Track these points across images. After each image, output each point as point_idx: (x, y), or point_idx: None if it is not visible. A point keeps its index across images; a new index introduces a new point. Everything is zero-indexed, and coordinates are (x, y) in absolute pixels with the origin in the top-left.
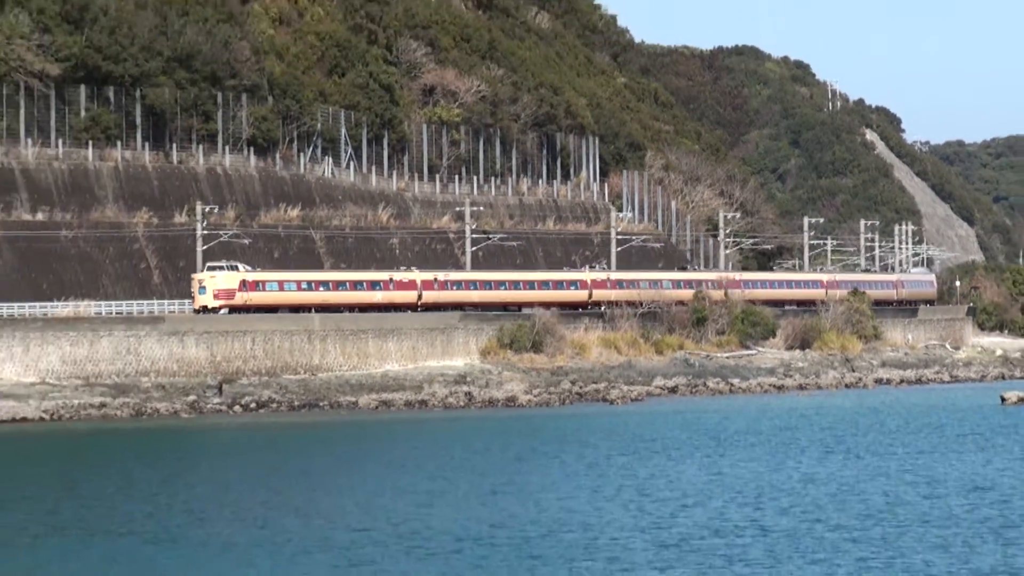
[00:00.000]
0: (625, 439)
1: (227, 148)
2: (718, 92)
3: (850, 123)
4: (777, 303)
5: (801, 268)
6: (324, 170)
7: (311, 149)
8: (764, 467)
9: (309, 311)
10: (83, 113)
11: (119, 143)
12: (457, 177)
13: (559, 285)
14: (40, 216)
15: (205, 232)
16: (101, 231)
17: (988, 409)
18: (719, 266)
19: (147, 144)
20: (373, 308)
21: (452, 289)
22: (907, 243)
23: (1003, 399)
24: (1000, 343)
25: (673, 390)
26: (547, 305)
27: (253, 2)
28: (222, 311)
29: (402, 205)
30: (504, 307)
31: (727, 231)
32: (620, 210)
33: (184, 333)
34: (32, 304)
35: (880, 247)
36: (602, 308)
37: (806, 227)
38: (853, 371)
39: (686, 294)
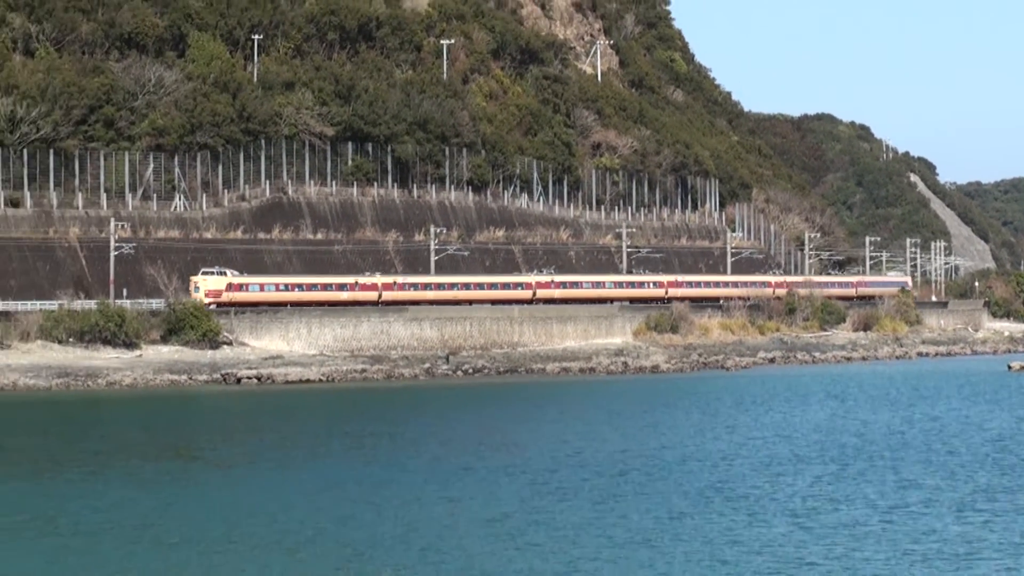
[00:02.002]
0: (736, 395)
1: (452, 187)
2: (804, 147)
3: (899, 168)
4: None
5: (863, 274)
6: (521, 202)
7: (512, 187)
8: (832, 414)
9: (285, 307)
10: (350, 162)
11: (375, 183)
12: (616, 207)
13: (506, 286)
14: (319, 235)
15: (436, 247)
16: (362, 246)
17: (998, 374)
18: (804, 272)
19: (395, 184)
20: (340, 304)
21: (409, 290)
22: (939, 255)
23: (1009, 367)
24: (1008, 327)
25: (772, 360)
26: (493, 302)
27: (471, 83)
28: (211, 307)
29: (577, 228)
30: (457, 303)
31: (811, 246)
32: (733, 231)
33: (421, 319)
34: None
35: (920, 258)
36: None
37: (867, 244)
38: (901, 347)
39: (637, 292)
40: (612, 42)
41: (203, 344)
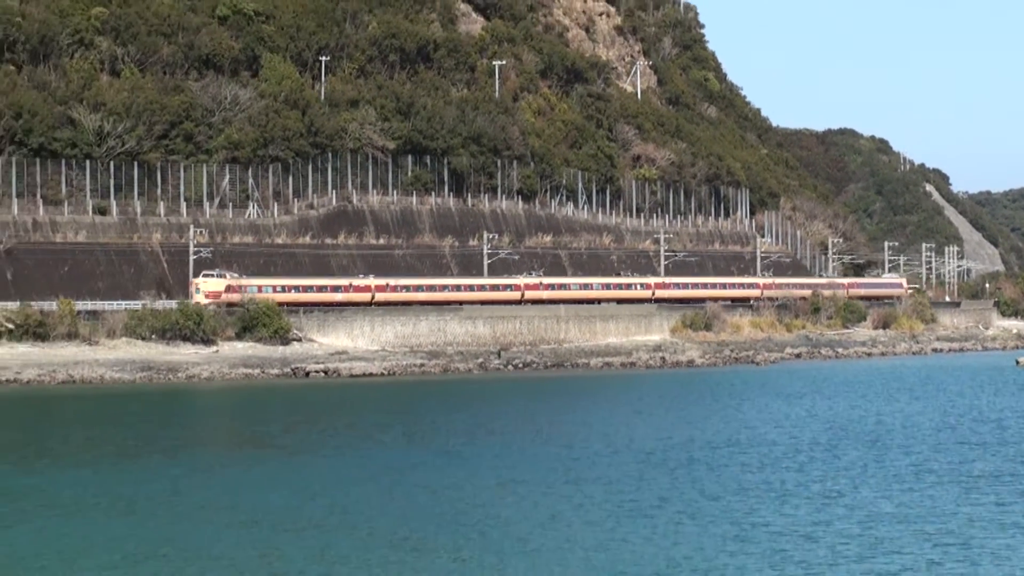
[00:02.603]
0: (765, 387)
1: (504, 196)
2: (827, 159)
3: (915, 179)
4: (715, 299)
5: (880, 276)
6: (567, 210)
7: (559, 196)
8: (849, 404)
9: (282, 307)
10: (409, 173)
11: (433, 193)
12: (654, 215)
13: (495, 288)
14: (381, 241)
15: (488, 251)
16: (421, 250)
17: (1007, 369)
18: (829, 274)
19: (451, 194)
20: (335, 304)
21: (401, 291)
22: (952, 259)
23: (1017, 362)
24: (1016, 325)
25: (798, 356)
26: (484, 303)
27: (521, 100)
28: (211, 307)
29: (618, 233)
30: (447, 303)
31: (834, 250)
32: (763, 237)
33: (475, 318)
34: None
35: (935, 261)
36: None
37: (885, 249)
38: (917, 343)
39: (624, 293)
40: (651, 63)
41: (274, 341)
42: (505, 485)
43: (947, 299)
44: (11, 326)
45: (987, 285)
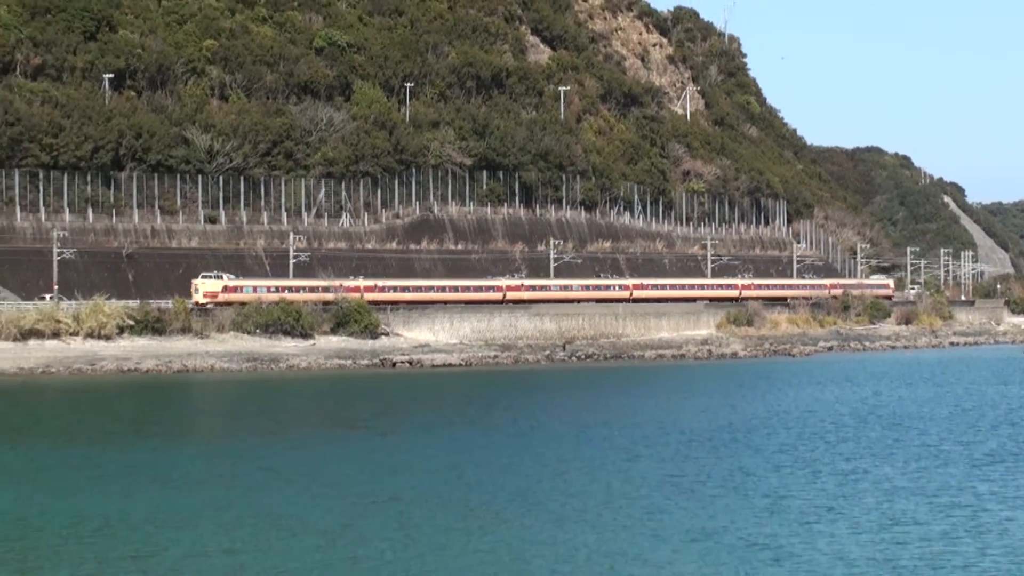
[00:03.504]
0: (800, 377)
1: (568, 206)
2: (856, 173)
3: (934, 191)
4: (694, 300)
5: (902, 278)
6: (624, 219)
7: (617, 207)
8: (874, 391)
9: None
10: (484, 186)
11: (505, 204)
12: (702, 223)
13: (479, 289)
14: (459, 246)
15: (554, 256)
16: (495, 255)
17: (1017, 360)
18: (858, 276)
19: (521, 204)
20: (326, 303)
21: (389, 292)
22: (968, 263)
23: None
24: None
25: (830, 348)
26: (467, 303)
27: (583, 121)
28: (209, 306)
29: (670, 240)
30: (433, 304)
31: (861, 255)
32: (798, 243)
33: (543, 315)
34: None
35: (951, 264)
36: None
37: (908, 253)
38: (936, 338)
39: (603, 294)
40: (699, 88)
41: (365, 335)
42: (567, 461)
43: (963, 298)
44: (132, 322)
45: (998, 286)
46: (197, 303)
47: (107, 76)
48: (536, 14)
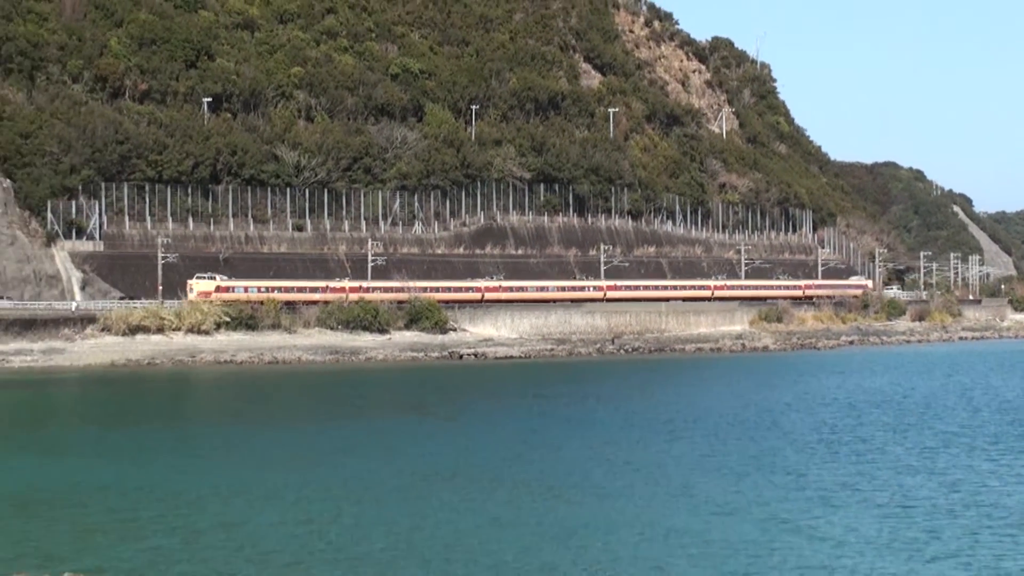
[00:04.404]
0: (824, 367)
1: (616, 215)
2: (875, 186)
3: (945, 201)
4: (666, 299)
5: (916, 279)
6: (667, 227)
7: (660, 216)
8: (893, 380)
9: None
10: (542, 198)
11: (560, 213)
12: (737, 230)
13: (458, 289)
14: (519, 251)
15: (604, 260)
16: (551, 259)
17: (1020, 353)
18: (874, 278)
19: (575, 214)
20: (313, 303)
21: (375, 292)
22: (975, 266)
23: None
24: None
25: (851, 342)
26: (447, 303)
27: (630, 139)
28: (205, 304)
29: (708, 245)
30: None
31: (879, 259)
32: (822, 248)
33: (594, 312)
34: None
35: (960, 267)
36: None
37: (921, 258)
38: (947, 333)
39: (576, 295)
40: (734, 110)
41: (435, 330)
42: (613, 442)
43: (970, 298)
44: (228, 318)
45: (1003, 286)
46: (192, 302)
47: (206, 100)
48: (588, 43)
